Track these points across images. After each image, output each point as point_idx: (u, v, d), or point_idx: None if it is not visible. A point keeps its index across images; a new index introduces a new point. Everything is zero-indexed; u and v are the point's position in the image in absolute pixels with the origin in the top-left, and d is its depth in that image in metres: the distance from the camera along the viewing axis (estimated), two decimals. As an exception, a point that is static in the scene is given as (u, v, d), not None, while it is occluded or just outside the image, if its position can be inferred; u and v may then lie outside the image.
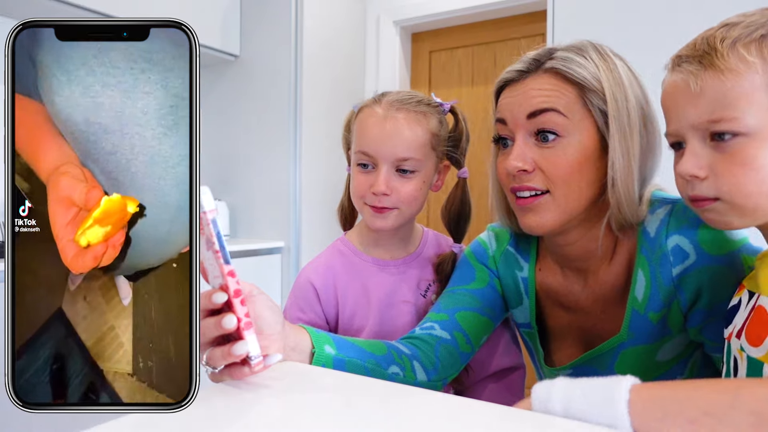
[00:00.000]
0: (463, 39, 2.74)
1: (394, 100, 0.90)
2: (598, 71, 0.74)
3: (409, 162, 0.88)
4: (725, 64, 0.57)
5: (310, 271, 0.98)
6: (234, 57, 2.49)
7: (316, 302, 0.96)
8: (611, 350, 0.82)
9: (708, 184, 0.60)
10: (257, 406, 0.53)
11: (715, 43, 0.58)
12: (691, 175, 0.61)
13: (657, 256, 0.76)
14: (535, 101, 0.74)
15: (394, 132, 0.88)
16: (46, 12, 1.85)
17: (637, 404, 0.46)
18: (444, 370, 0.85)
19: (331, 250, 1.01)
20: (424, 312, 0.96)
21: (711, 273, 0.73)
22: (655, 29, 1.68)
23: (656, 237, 0.76)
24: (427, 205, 2.73)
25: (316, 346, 0.73)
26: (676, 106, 0.62)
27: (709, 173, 0.60)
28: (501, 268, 0.93)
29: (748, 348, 0.59)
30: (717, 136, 0.58)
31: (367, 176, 0.90)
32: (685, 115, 0.61)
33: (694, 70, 0.59)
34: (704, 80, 0.58)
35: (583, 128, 0.74)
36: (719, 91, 0.57)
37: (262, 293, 0.65)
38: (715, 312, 0.73)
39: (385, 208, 0.89)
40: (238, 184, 2.51)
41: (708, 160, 0.60)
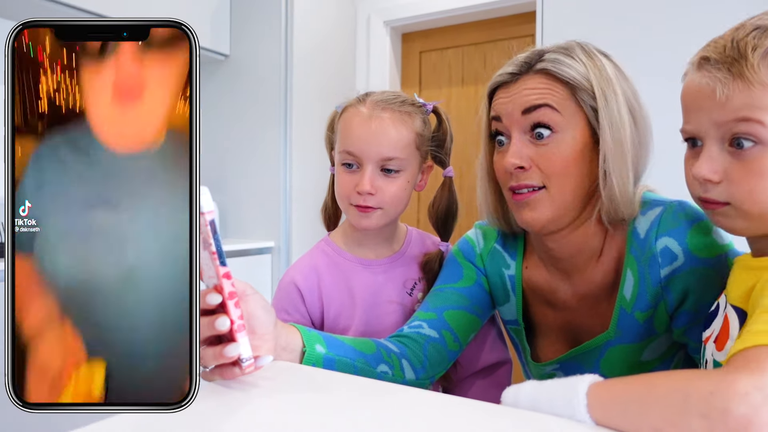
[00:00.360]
0: (453, 39, 2.76)
1: (379, 99, 0.91)
2: (586, 70, 0.76)
3: (393, 162, 0.89)
4: (755, 77, 0.55)
5: (294, 273, 0.98)
6: (224, 56, 2.48)
7: (300, 304, 0.96)
8: (598, 347, 0.83)
9: (721, 189, 0.60)
10: (248, 406, 0.53)
11: (746, 51, 0.56)
12: (706, 179, 0.60)
13: (646, 256, 0.77)
14: (530, 98, 0.76)
15: (380, 131, 0.88)
16: (38, 12, 1.84)
17: (596, 406, 0.49)
18: (432, 369, 0.86)
19: (314, 251, 1.01)
20: (411, 310, 0.97)
21: (698, 276, 0.74)
22: (643, 29, 1.70)
23: (646, 238, 0.78)
24: (417, 205, 2.74)
25: (307, 345, 0.73)
26: (699, 108, 0.61)
27: (724, 178, 0.59)
28: (488, 265, 0.94)
29: (715, 353, 0.61)
30: (736, 142, 0.57)
31: (351, 176, 0.90)
32: (709, 116, 0.59)
33: (722, 77, 0.57)
34: (732, 90, 0.57)
35: (576, 124, 0.76)
36: (746, 102, 0.56)
37: (256, 293, 0.66)
38: (701, 314, 0.74)
39: (370, 208, 0.89)
40: (228, 183, 2.50)
41: (724, 166, 0.59)
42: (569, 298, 0.87)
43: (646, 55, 1.59)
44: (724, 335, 0.60)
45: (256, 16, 2.42)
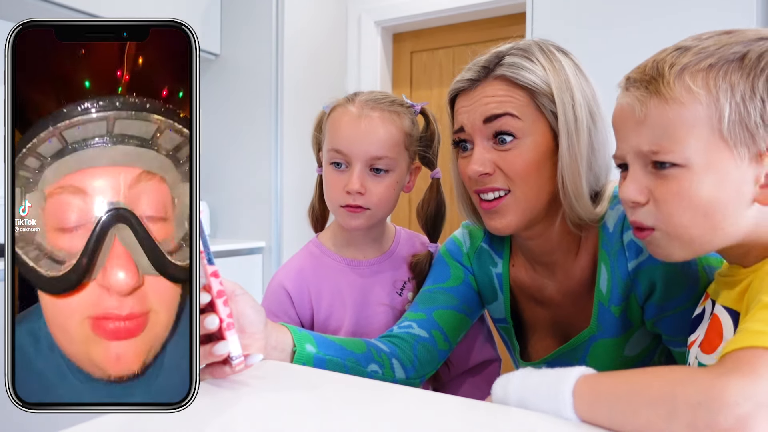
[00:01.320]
0: (444, 40, 2.77)
1: (368, 99, 0.91)
2: (545, 73, 0.76)
3: (383, 161, 0.89)
4: (670, 93, 0.56)
5: (283, 276, 0.97)
6: (214, 56, 2.48)
7: (290, 307, 0.96)
8: (583, 343, 0.84)
9: (647, 211, 0.60)
10: (238, 404, 0.54)
11: (663, 69, 0.57)
12: (633, 201, 0.60)
13: (615, 250, 0.79)
14: (490, 107, 0.77)
15: (369, 130, 0.88)
16: (36, 13, 1.82)
17: (581, 406, 0.49)
18: (422, 368, 0.86)
19: (303, 253, 1.01)
20: (400, 310, 0.97)
21: (663, 270, 0.75)
22: (633, 30, 1.72)
23: (614, 232, 0.79)
24: (408, 206, 2.75)
25: (297, 344, 0.74)
26: (623, 129, 0.62)
27: (650, 198, 0.59)
28: (475, 265, 0.94)
29: (701, 357, 0.61)
30: (658, 164, 0.58)
31: (340, 176, 0.90)
32: (629, 140, 0.60)
33: (640, 96, 0.58)
34: (648, 108, 0.57)
35: (537, 129, 0.76)
36: (662, 120, 0.56)
37: (246, 293, 0.66)
38: (667, 308, 0.76)
39: (359, 207, 0.89)
40: (218, 183, 2.49)
41: (648, 186, 0.59)
42: (554, 294, 0.87)
43: (635, 55, 1.60)
44: (715, 338, 0.59)
45: (246, 15, 2.42)
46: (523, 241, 0.87)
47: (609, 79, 1.02)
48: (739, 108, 0.53)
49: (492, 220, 0.80)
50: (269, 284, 0.99)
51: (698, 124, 0.55)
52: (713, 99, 0.54)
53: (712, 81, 0.54)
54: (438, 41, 2.78)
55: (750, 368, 0.42)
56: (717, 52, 0.55)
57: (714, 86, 0.54)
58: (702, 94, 0.54)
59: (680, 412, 0.43)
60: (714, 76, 0.54)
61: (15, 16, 1.92)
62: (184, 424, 0.47)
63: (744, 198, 0.55)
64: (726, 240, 0.57)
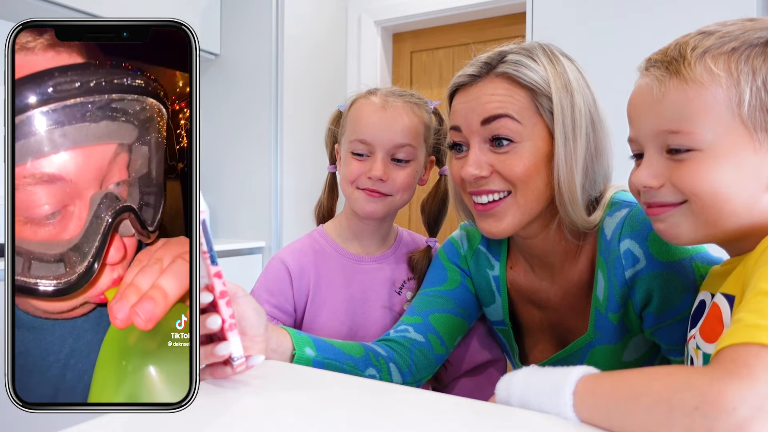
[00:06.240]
0: (444, 40, 2.76)
1: (389, 91, 0.94)
2: (547, 74, 0.75)
3: (405, 149, 0.90)
4: (690, 74, 0.55)
5: (285, 255, 0.97)
6: (214, 56, 2.47)
7: (287, 285, 0.95)
8: (580, 349, 0.84)
9: (667, 191, 0.58)
10: (238, 404, 0.53)
11: (686, 51, 0.56)
12: (646, 186, 0.59)
13: (612, 258, 0.77)
14: (489, 107, 0.75)
15: (395, 118, 0.90)
16: (34, 13, 1.82)
17: (582, 408, 0.49)
18: (419, 372, 0.86)
19: (307, 240, 1.00)
20: (399, 309, 0.97)
21: (661, 279, 0.74)
22: (633, 31, 1.72)
23: (611, 240, 0.77)
24: (408, 206, 2.74)
25: (296, 347, 0.74)
26: (638, 112, 0.61)
27: (665, 182, 0.58)
28: (473, 267, 0.94)
29: (703, 345, 0.60)
30: (673, 150, 0.57)
31: (362, 163, 0.91)
32: (647, 122, 0.59)
33: (660, 75, 0.58)
34: (668, 87, 0.56)
35: (536, 133, 0.75)
36: (681, 101, 0.55)
37: (247, 295, 0.66)
38: (665, 317, 0.74)
39: (379, 192, 0.90)
40: (218, 183, 2.49)
41: (664, 170, 0.58)
42: (552, 297, 0.87)
43: (635, 55, 1.60)
44: (717, 324, 0.58)
45: (246, 15, 2.41)
46: (521, 241, 0.86)
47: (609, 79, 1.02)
48: (760, 92, 0.53)
49: (486, 223, 0.79)
50: (269, 262, 0.98)
51: (718, 107, 0.54)
52: (734, 82, 0.54)
53: (734, 64, 0.54)
54: (438, 41, 2.78)
55: (747, 370, 0.41)
56: (740, 36, 0.55)
57: (735, 69, 0.54)
58: (723, 76, 0.54)
59: (678, 417, 0.42)
60: (736, 59, 0.54)
61: (15, 16, 1.92)
62: (184, 424, 0.47)
63: (762, 183, 0.54)
64: (738, 223, 0.56)
